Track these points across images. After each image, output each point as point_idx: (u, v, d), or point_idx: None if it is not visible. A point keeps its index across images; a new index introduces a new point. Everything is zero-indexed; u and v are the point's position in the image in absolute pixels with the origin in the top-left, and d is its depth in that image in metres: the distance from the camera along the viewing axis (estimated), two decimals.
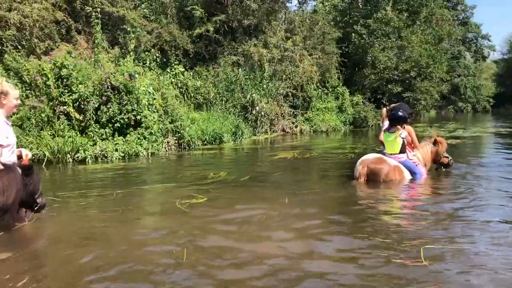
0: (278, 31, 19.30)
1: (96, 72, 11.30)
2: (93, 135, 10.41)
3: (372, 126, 21.87)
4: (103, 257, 3.74)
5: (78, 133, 10.37)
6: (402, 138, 6.96)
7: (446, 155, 7.68)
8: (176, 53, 15.72)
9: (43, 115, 10.03)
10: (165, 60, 15.46)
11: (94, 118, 10.61)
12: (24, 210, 4.58)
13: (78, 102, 10.43)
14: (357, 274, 3.35)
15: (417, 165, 7.10)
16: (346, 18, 28.55)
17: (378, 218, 4.91)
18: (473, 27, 53.50)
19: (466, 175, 7.50)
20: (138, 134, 10.89)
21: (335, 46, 23.53)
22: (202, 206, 5.48)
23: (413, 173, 6.98)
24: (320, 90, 21.61)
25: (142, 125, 10.97)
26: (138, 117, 10.87)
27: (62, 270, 3.50)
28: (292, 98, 19.43)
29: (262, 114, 16.63)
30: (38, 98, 10.07)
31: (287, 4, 21.55)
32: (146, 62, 14.20)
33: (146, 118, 11.05)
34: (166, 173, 8.61)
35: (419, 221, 4.78)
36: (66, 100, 10.27)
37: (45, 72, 10.29)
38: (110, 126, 10.66)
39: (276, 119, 17.87)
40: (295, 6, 28.86)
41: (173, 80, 14.74)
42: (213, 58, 17.30)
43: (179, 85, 14.91)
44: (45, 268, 3.59)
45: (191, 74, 15.87)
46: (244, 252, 3.84)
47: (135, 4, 16.12)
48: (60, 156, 9.75)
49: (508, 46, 59.63)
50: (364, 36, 25.94)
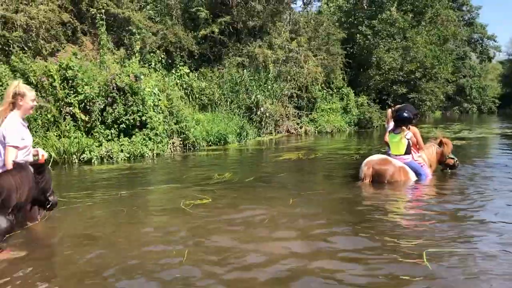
0: (283, 32, 19.30)
1: (101, 73, 11.37)
2: (98, 136, 10.47)
3: (377, 127, 21.81)
4: (108, 256, 3.77)
5: (84, 134, 10.44)
6: (407, 139, 6.95)
7: (452, 156, 7.65)
8: (181, 54, 15.78)
9: (49, 116, 10.12)
10: (170, 61, 15.51)
11: (100, 119, 10.67)
12: (37, 209, 4.62)
13: (84, 103, 10.52)
14: (360, 274, 3.36)
15: (422, 166, 7.09)
16: (351, 19, 28.51)
17: (383, 219, 4.90)
18: (478, 28, 53.28)
19: (472, 176, 7.47)
20: (144, 135, 10.93)
21: (340, 47, 23.47)
22: (207, 206, 5.50)
23: (418, 174, 6.96)
24: (324, 91, 21.58)
25: (148, 126, 11.01)
26: (144, 118, 10.92)
27: (67, 269, 3.54)
28: (296, 99, 19.42)
29: (267, 115, 16.64)
30: (45, 99, 10.14)
31: (292, 5, 21.56)
32: (151, 63, 14.24)
33: (152, 119, 11.09)
34: (171, 174, 8.63)
35: (424, 222, 4.77)
36: (72, 101, 10.36)
37: (51, 73, 10.37)
38: (116, 127, 10.72)
39: (280, 120, 17.86)
40: (300, 7, 29.03)
41: (178, 81, 14.77)
42: (218, 59, 17.34)
43: (184, 86, 14.95)
44: (51, 267, 3.61)
45: (196, 75, 15.92)
46: (247, 252, 3.86)
47: (141, 5, 16.19)
48: (66, 156, 9.83)
49: None
50: (369, 37, 25.88)
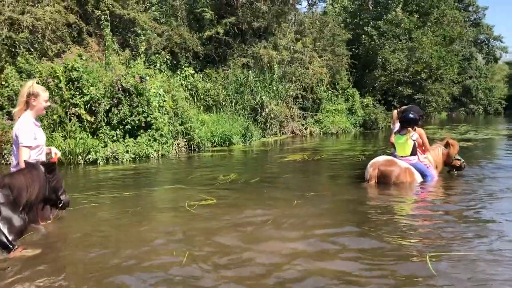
0: (288, 33, 19.28)
1: (107, 74, 11.41)
2: (104, 137, 10.50)
3: (382, 128, 21.72)
4: (110, 256, 3.78)
5: (89, 134, 10.48)
6: (413, 140, 6.91)
7: (458, 158, 7.59)
8: (186, 55, 15.81)
9: (55, 117, 10.16)
10: (175, 62, 15.54)
11: (105, 120, 10.71)
12: (49, 208, 4.62)
13: (89, 104, 10.56)
14: (365, 275, 3.34)
15: (428, 167, 7.04)
16: (356, 20, 28.44)
17: (388, 220, 4.87)
18: (485, 29, 52.93)
19: (479, 178, 7.41)
20: (149, 136, 10.96)
21: (345, 47, 23.42)
22: (211, 207, 5.50)
23: (424, 175, 6.92)
24: (330, 92, 21.51)
25: (153, 127, 11.03)
26: (149, 119, 10.94)
27: (72, 269, 3.55)
28: (301, 100, 19.37)
29: (272, 116, 16.62)
30: (51, 100, 10.18)
31: (297, 6, 21.57)
32: (156, 64, 14.28)
33: (157, 120, 11.12)
34: (176, 174, 8.64)
35: (430, 223, 4.74)
36: (78, 102, 10.41)
37: (57, 74, 10.42)
38: (121, 128, 10.75)
39: (285, 121, 17.82)
40: (305, 8, 28.94)
41: (183, 82, 14.80)
42: (223, 60, 17.36)
43: (189, 87, 14.97)
44: (54, 267, 3.61)
45: (201, 76, 15.95)
46: (251, 252, 3.85)
47: (146, 6, 16.26)
48: (71, 157, 9.87)
49: None
50: (374, 37, 25.80)
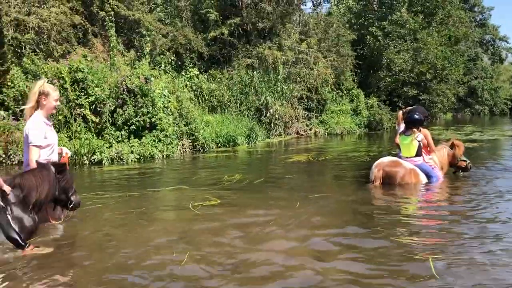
0: (292, 34, 19.29)
1: (112, 75, 11.44)
2: (109, 138, 10.54)
3: (387, 129, 21.66)
4: (115, 256, 3.79)
5: (95, 135, 10.52)
6: (418, 141, 6.88)
7: (464, 159, 7.53)
8: (191, 56, 15.83)
9: (61, 117, 10.20)
10: (180, 63, 15.56)
11: (110, 121, 10.75)
12: (60, 208, 4.62)
13: (94, 105, 10.60)
14: (368, 275, 3.33)
15: (433, 168, 7.01)
16: (361, 20, 28.35)
17: (393, 221, 4.84)
18: (490, 29, 52.66)
19: (484, 179, 7.35)
20: (153, 136, 10.98)
21: (350, 48, 23.37)
22: (215, 208, 5.50)
23: (429, 176, 6.88)
24: (334, 92, 21.47)
25: (157, 127, 11.05)
26: (153, 119, 10.96)
27: (76, 269, 3.56)
28: (306, 100, 19.36)
29: (276, 116, 16.61)
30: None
31: (302, 6, 21.56)
32: (161, 65, 14.32)
33: (161, 120, 11.14)
34: (180, 175, 8.65)
35: (434, 225, 4.71)
36: (83, 102, 10.45)
37: (62, 75, 10.46)
38: (126, 128, 10.78)
39: (290, 122, 17.82)
40: (310, 8, 28.87)
41: (187, 83, 14.83)
42: (227, 61, 17.38)
43: (194, 88, 15.00)
44: (57, 267, 3.62)
45: (206, 77, 15.98)
46: (254, 253, 3.84)
47: (151, 7, 16.29)
48: (76, 158, 9.90)
49: None
50: (379, 38, 25.71)
